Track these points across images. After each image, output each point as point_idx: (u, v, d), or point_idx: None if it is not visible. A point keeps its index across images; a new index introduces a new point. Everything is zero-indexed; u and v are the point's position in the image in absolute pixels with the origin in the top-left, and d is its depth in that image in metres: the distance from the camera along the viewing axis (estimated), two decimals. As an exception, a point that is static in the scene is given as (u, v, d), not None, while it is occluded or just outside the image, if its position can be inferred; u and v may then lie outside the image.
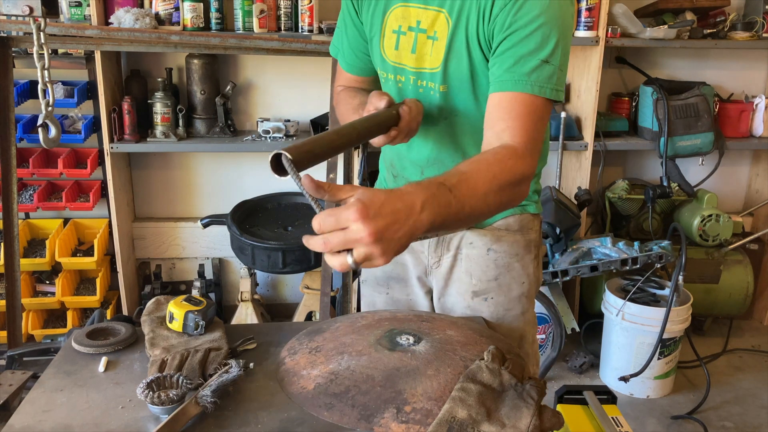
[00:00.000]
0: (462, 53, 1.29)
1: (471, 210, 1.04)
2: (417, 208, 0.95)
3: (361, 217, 0.89)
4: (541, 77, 1.19)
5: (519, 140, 1.17)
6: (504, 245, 1.45)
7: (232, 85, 3.07)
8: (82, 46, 2.58)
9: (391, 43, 1.36)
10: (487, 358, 1.09)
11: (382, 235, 0.90)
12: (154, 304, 1.37)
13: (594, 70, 3.06)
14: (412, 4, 1.32)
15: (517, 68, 1.19)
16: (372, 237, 0.89)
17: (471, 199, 1.04)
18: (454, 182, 1.02)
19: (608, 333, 2.98)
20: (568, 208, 2.91)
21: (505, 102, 1.20)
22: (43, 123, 1.63)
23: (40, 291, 3.11)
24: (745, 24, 3.16)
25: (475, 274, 1.47)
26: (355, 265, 0.91)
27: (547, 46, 1.19)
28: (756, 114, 3.32)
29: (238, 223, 2.91)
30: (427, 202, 0.96)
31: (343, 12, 1.46)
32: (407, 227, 0.93)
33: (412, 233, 0.95)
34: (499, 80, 1.21)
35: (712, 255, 3.26)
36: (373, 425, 1.01)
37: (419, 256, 1.54)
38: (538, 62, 1.19)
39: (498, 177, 1.09)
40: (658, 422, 2.78)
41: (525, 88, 1.19)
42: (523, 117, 1.19)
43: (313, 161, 1.05)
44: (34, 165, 2.91)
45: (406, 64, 1.36)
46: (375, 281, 1.63)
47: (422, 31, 1.31)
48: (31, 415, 1.07)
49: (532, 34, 1.19)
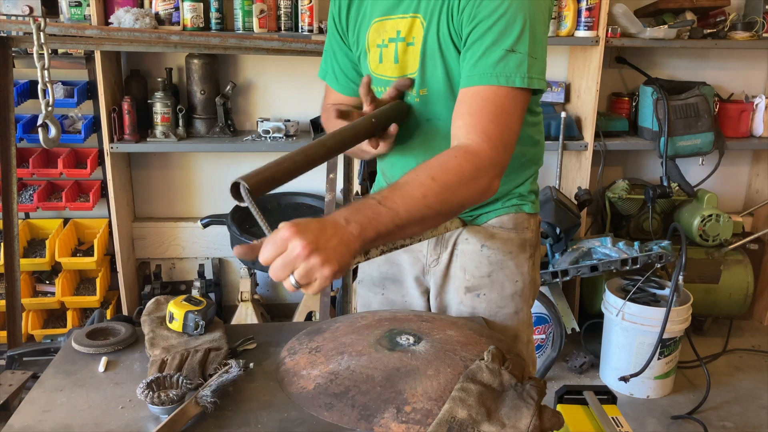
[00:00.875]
0: (435, 55, 1.29)
1: (408, 214, 1.05)
2: (341, 222, 0.99)
3: (292, 233, 0.94)
4: (507, 67, 1.17)
5: (473, 136, 1.16)
6: (497, 242, 1.45)
7: (232, 85, 3.07)
8: (82, 46, 2.58)
9: (375, 57, 1.38)
10: (487, 358, 1.09)
11: (316, 244, 0.94)
12: (154, 304, 1.37)
13: (594, 70, 3.06)
14: (390, 17, 1.33)
15: (483, 61, 1.19)
16: (307, 248, 0.93)
17: (407, 204, 1.05)
18: (384, 194, 1.06)
19: (608, 333, 2.98)
20: (568, 208, 2.91)
21: (467, 97, 1.20)
22: (43, 123, 1.63)
23: (40, 291, 3.11)
24: (745, 24, 3.16)
25: (468, 269, 1.47)
26: (297, 284, 0.95)
27: (511, 34, 1.18)
28: (756, 114, 3.32)
29: (238, 223, 2.91)
30: (350, 216, 1.00)
31: (329, 38, 1.48)
32: (338, 237, 0.97)
33: (347, 244, 0.98)
34: (466, 76, 1.21)
35: (712, 255, 3.26)
36: (373, 425, 1.01)
37: (417, 255, 1.54)
38: (502, 52, 1.17)
39: (438, 178, 1.10)
40: (658, 422, 2.78)
41: (490, 80, 1.18)
42: (480, 111, 1.18)
43: (273, 185, 1.07)
44: (34, 165, 2.91)
45: (391, 75, 1.37)
46: (371, 281, 1.63)
47: (402, 40, 1.32)
48: (31, 415, 1.07)
49: (495, 24, 1.18)
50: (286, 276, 0.95)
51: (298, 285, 0.95)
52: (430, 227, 1.17)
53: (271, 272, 0.95)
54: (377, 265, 1.60)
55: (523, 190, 1.47)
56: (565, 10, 2.98)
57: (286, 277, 0.95)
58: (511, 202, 1.46)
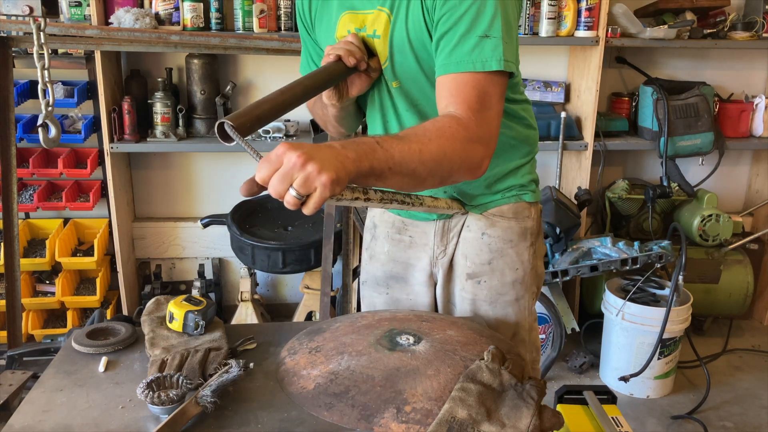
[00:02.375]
0: (404, 47, 1.30)
1: (402, 160, 1.06)
2: (336, 145, 1.00)
3: (287, 148, 0.95)
4: (483, 53, 1.19)
5: (462, 110, 1.18)
6: (498, 230, 1.47)
7: (232, 85, 3.07)
8: (82, 46, 2.58)
9: None
10: (487, 358, 1.09)
11: (311, 154, 0.94)
12: (154, 304, 1.37)
13: (594, 70, 3.06)
14: (359, 10, 1.34)
15: (458, 49, 1.20)
16: (302, 158, 0.94)
17: (403, 152, 1.06)
18: (383, 137, 1.07)
19: (608, 333, 2.98)
20: (568, 208, 2.91)
21: (448, 83, 1.21)
22: (43, 123, 1.63)
23: (40, 291, 3.11)
24: (745, 24, 3.16)
25: (469, 256, 1.49)
26: (299, 195, 0.95)
27: (483, 20, 1.19)
28: (756, 114, 3.32)
29: (238, 223, 2.91)
30: (346, 144, 1.01)
31: (301, 35, 1.51)
32: (332, 152, 0.98)
33: (342, 160, 0.98)
34: (443, 64, 1.22)
35: (712, 255, 3.26)
36: (373, 425, 1.01)
37: (424, 248, 1.55)
38: (476, 39, 1.19)
39: (433, 139, 1.11)
40: (658, 422, 2.78)
41: (467, 67, 1.19)
42: (464, 93, 1.19)
43: (258, 124, 1.09)
44: (34, 165, 2.91)
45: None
46: (375, 282, 1.63)
47: (363, 30, 1.33)
48: (31, 415, 1.07)
49: (467, 12, 1.19)
50: (285, 189, 0.95)
51: (300, 196, 0.95)
52: (420, 186, 1.16)
53: (271, 189, 0.95)
54: (381, 265, 1.61)
55: (522, 180, 1.48)
56: (565, 10, 2.98)
57: (285, 189, 0.95)
58: (511, 192, 1.48)
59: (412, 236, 1.56)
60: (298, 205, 0.96)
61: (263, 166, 0.96)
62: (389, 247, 1.59)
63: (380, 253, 1.61)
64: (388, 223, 1.59)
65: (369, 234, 1.66)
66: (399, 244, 1.57)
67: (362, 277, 1.69)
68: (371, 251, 1.64)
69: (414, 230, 1.55)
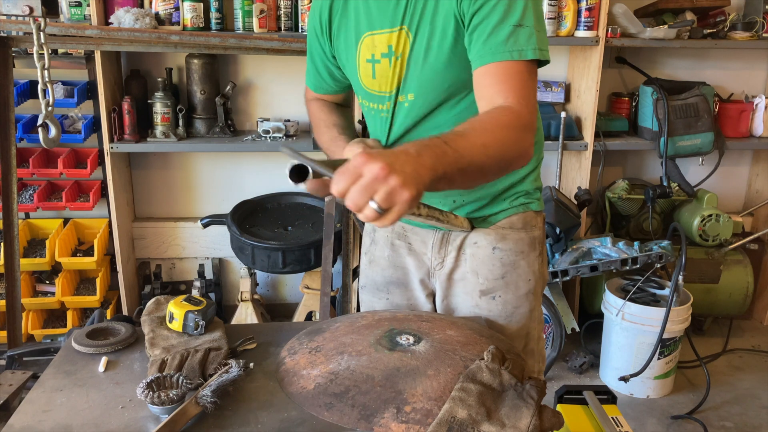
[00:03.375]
0: (420, 60, 1.31)
1: (471, 159, 1.03)
2: (412, 152, 0.95)
3: (368, 159, 0.89)
4: (518, 42, 1.19)
5: (512, 99, 1.18)
6: (509, 243, 1.46)
7: (232, 85, 3.07)
8: (82, 46, 2.57)
9: (367, 72, 1.38)
10: (487, 358, 1.09)
11: (392, 166, 0.89)
12: (154, 304, 1.37)
13: (594, 70, 3.06)
14: (378, 31, 1.34)
15: (492, 39, 1.20)
16: (384, 170, 0.88)
17: (469, 149, 1.04)
18: (448, 136, 1.04)
19: (608, 333, 2.98)
20: (568, 208, 2.91)
21: (490, 72, 1.21)
22: (43, 123, 1.63)
23: (40, 291, 3.11)
24: (745, 24, 3.16)
25: (481, 273, 1.47)
26: (380, 209, 0.90)
27: (516, 10, 1.20)
28: (756, 114, 3.32)
29: (238, 223, 2.91)
30: (421, 150, 0.96)
31: (310, 47, 1.51)
32: (411, 165, 0.93)
33: (419, 173, 0.93)
34: (479, 55, 1.22)
35: (712, 255, 3.26)
36: (373, 425, 1.01)
37: (422, 258, 1.54)
38: (511, 28, 1.19)
39: (494, 131, 1.10)
40: (658, 422, 2.78)
41: (504, 56, 1.19)
42: (509, 80, 1.19)
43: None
44: (34, 165, 2.91)
45: (385, 91, 1.38)
46: (374, 287, 1.62)
47: (393, 54, 1.34)
48: (31, 415, 1.07)
49: (499, 2, 1.20)
50: (365, 202, 0.89)
51: (380, 209, 0.89)
52: (481, 182, 1.16)
53: (349, 201, 0.90)
54: (381, 270, 1.60)
55: (529, 187, 1.48)
56: (565, 10, 2.98)
57: (365, 203, 0.89)
58: (518, 201, 1.47)
59: (411, 243, 1.55)
60: (377, 218, 0.91)
61: (341, 179, 0.90)
62: (389, 251, 1.58)
63: (380, 257, 1.60)
64: (388, 228, 1.58)
65: (368, 238, 1.64)
66: (399, 249, 1.57)
67: (361, 281, 1.68)
68: (371, 255, 1.63)
69: (414, 237, 1.55)
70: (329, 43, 1.45)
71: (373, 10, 1.33)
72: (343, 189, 0.90)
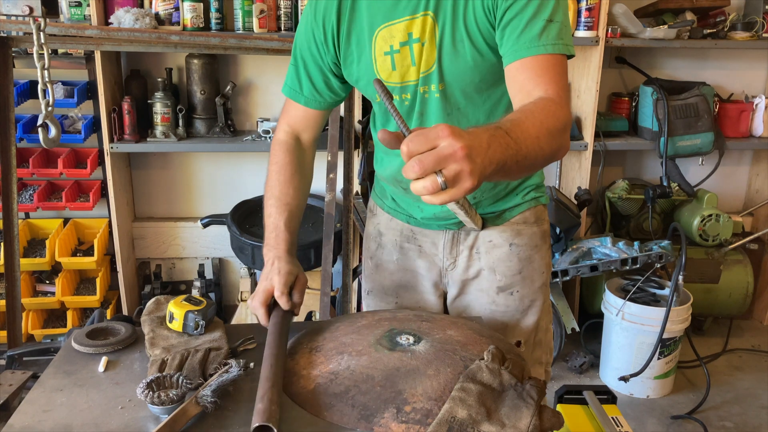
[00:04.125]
0: (451, 48, 1.29)
1: (527, 152, 1.01)
2: (484, 143, 0.92)
3: (451, 133, 0.86)
4: (550, 36, 1.21)
5: (552, 92, 1.18)
6: (525, 238, 1.48)
7: (232, 85, 3.07)
8: (82, 46, 2.57)
9: (386, 66, 1.35)
10: (487, 358, 1.09)
11: (471, 150, 0.87)
12: (154, 304, 1.37)
13: (594, 70, 3.06)
14: (395, 21, 1.32)
15: (527, 34, 1.21)
16: (464, 150, 0.86)
17: (526, 141, 1.02)
18: (508, 126, 1.01)
19: (608, 333, 2.98)
20: (568, 208, 2.91)
21: (526, 66, 1.22)
22: (43, 123, 1.63)
23: (40, 291, 3.11)
24: (745, 24, 3.16)
25: (499, 269, 1.49)
26: (444, 184, 0.86)
27: (547, 6, 1.21)
28: (756, 114, 3.32)
29: (238, 223, 2.91)
30: (491, 140, 0.94)
31: (300, 50, 1.43)
32: (482, 156, 0.90)
33: (485, 165, 0.91)
34: (513, 50, 1.23)
35: (712, 255, 3.26)
36: (373, 425, 1.01)
37: (433, 259, 1.54)
38: (543, 23, 1.21)
39: (545, 123, 1.09)
40: (658, 422, 2.78)
41: (538, 50, 1.21)
42: (547, 73, 1.21)
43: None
44: (34, 165, 2.91)
45: (409, 80, 1.35)
46: (382, 291, 1.61)
47: (416, 41, 1.31)
48: (31, 415, 1.07)
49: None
50: (432, 171, 0.85)
51: (444, 185, 0.86)
52: (526, 174, 1.16)
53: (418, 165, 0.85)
54: (389, 274, 1.59)
55: (537, 180, 1.52)
56: (565, 10, 2.98)
57: (432, 172, 0.86)
58: (530, 195, 1.49)
59: (421, 245, 1.55)
60: (432, 193, 0.87)
61: (418, 140, 0.86)
62: (398, 255, 1.57)
63: (388, 261, 1.59)
64: (396, 231, 1.57)
65: (374, 242, 1.62)
66: (408, 252, 1.56)
67: (366, 286, 1.66)
68: (377, 260, 1.61)
69: (423, 239, 1.54)
70: (335, 48, 1.39)
71: (387, 1, 1.32)
72: (416, 150, 0.86)
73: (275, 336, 1.21)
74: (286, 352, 1.20)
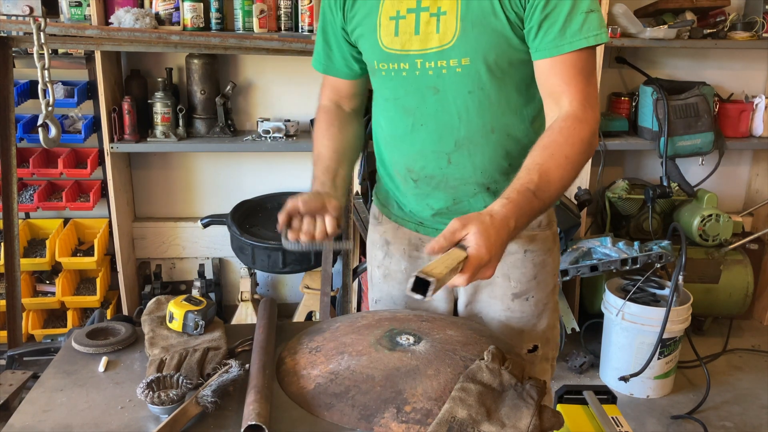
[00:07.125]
0: (481, 22, 1.24)
1: (550, 201, 1.13)
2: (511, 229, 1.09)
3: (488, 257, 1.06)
4: (592, 27, 1.21)
5: (577, 103, 1.20)
6: (538, 243, 1.47)
7: (232, 85, 3.07)
8: (82, 46, 2.58)
9: (389, 30, 1.31)
10: (487, 358, 1.09)
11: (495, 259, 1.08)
12: (154, 304, 1.38)
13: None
14: None
15: (568, 28, 1.21)
16: (492, 269, 1.08)
17: (550, 191, 1.12)
18: (537, 183, 1.11)
19: (608, 333, 2.98)
20: (568, 208, 2.91)
21: (558, 67, 1.23)
22: (43, 123, 1.63)
23: (40, 291, 3.11)
24: (745, 24, 3.16)
25: (513, 276, 1.47)
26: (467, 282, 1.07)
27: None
28: (756, 114, 3.32)
29: (238, 223, 2.91)
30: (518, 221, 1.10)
31: (323, 23, 1.44)
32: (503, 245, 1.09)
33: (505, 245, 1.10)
34: (552, 46, 1.22)
35: (712, 255, 3.26)
36: (373, 425, 1.01)
37: None
38: (583, 15, 1.21)
39: (570, 157, 1.14)
40: (658, 422, 2.78)
41: (581, 43, 1.21)
42: (576, 77, 1.22)
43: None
44: (34, 165, 2.91)
45: (410, 49, 1.30)
46: (391, 301, 1.59)
47: (425, 10, 1.27)
48: (31, 415, 1.07)
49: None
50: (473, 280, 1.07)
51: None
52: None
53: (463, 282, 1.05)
54: (398, 283, 1.56)
55: None
56: (565, 10, 2.98)
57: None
58: None
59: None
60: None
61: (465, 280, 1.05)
62: (407, 264, 1.54)
63: (397, 271, 1.56)
64: (404, 239, 1.53)
65: (381, 251, 1.59)
66: (417, 260, 1.53)
67: (374, 295, 1.63)
68: (385, 269, 1.58)
69: None
70: (342, 12, 1.38)
71: None
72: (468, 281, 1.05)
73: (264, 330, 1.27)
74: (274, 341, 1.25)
